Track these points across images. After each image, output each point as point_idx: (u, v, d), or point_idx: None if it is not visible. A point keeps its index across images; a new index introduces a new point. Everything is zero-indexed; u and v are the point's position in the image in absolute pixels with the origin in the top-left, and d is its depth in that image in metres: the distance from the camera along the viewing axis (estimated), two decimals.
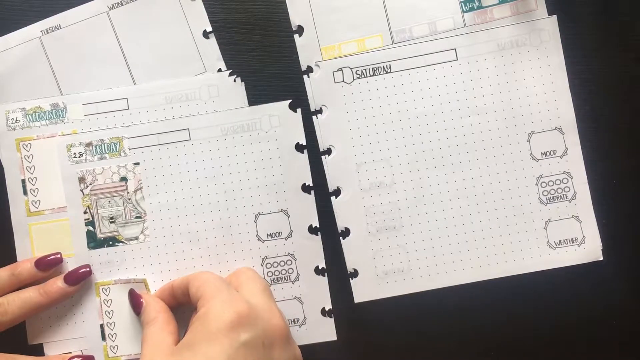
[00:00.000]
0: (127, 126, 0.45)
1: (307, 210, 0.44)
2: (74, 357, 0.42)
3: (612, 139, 0.45)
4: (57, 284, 0.42)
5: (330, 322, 0.44)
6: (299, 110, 0.45)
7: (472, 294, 0.44)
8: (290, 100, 0.45)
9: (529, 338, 0.45)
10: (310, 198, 0.45)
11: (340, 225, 0.45)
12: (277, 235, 0.44)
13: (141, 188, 0.44)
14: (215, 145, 0.45)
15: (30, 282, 0.43)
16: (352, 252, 0.44)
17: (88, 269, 0.43)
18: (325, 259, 0.44)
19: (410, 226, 0.44)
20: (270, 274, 0.44)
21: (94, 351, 0.43)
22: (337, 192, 0.45)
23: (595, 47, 0.45)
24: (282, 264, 0.44)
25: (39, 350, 0.44)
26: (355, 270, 0.44)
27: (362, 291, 0.44)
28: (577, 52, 0.45)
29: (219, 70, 0.45)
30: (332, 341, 0.44)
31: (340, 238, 0.45)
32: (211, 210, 0.44)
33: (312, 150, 0.45)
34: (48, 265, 0.43)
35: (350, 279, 0.44)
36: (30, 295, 0.41)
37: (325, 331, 0.44)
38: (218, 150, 0.45)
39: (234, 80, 0.45)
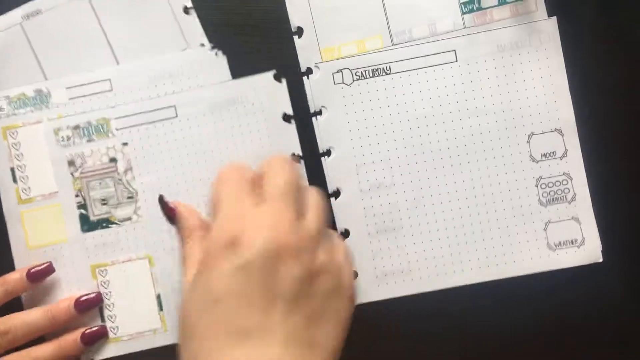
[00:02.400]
0: (113, 107, 0.45)
1: None
2: (87, 329, 0.42)
3: (612, 140, 0.45)
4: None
5: None
6: (283, 80, 0.45)
7: (472, 296, 0.44)
8: (275, 71, 0.45)
9: (529, 339, 0.45)
10: (301, 167, 0.45)
11: (340, 226, 0.45)
12: None
13: (131, 168, 0.45)
14: (203, 120, 0.44)
15: (21, 293, 0.43)
16: (352, 253, 0.44)
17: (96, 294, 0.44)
18: None
19: (410, 227, 0.44)
20: None
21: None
22: (336, 194, 0.45)
23: (595, 48, 0.45)
24: None
25: (39, 338, 0.44)
26: (355, 271, 0.44)
27: (362, 292, 0.44)
28: (576, 54, 0.45)
29: (202, 45, 0.45)
30: None
31: None
32: (202, 186, 0.44)
33: (301, 117, 0.45)
34: (39, 276, 0.43)
35: None
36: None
37: None
38: (206, 126, 0.44)
39: (216, 55, 0.45)
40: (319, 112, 0.45)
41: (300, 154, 0.45)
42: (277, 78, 0.45)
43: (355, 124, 0.45)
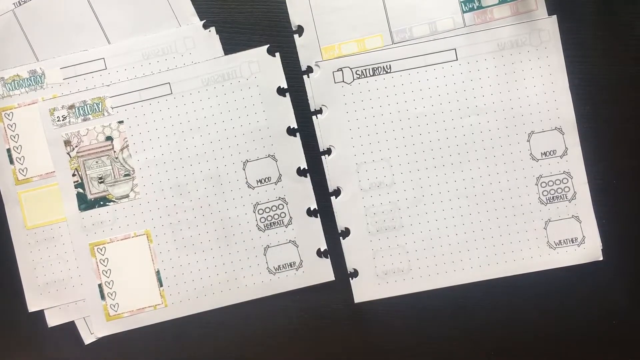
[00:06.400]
0: (108, 85, 0.45)
1: (294, 153, 0.45)
2: None
3: (612, 139, 0.45)
4: None
5: (327, 263, 0.44)
6: (277, 54, 0.45)
7: (472, 294, 0.44)
8: (268, 45, 0.45)
9: (529, 338, 0.45)
10: (296, 141, 0.45)
11: (340, 225, 0.45)
12: (267, 180, 0.44)
13: (127, 146, 0.45)
14: (197, 96, 0.45)
15: None
16: (352, 252, 0.44)
17: None
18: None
19: (410, 226, 0.44)
20: (262, 219, 0.44)
21: (95, 312, 0.44)
22: (337, 192, 0.45)
23: (595, 47, 0.45)
24: (273, 208, 0.44)
25: (40, 317, 0.44)
26: (355, 270, 0.44)
27: (362, 291, 0.44)
28: (577, 52, 0.45)
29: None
30: (332, 340, 0.44)
31: (340, 238, 0.45)
32: (199, 162, 0.45)
33: (295, 95, 0.45)
34: None
35: (350, 279, 0.44)
36: None
37: (323, 272, 0.44)
38: (200, 102, 0.45)
39: (209, 31, 0.45)
40: (320, 111, 0.45)
41: (296, 126, 0.45)
42: (271, 52, 0.45)
43: (355, 122, 0.45)
